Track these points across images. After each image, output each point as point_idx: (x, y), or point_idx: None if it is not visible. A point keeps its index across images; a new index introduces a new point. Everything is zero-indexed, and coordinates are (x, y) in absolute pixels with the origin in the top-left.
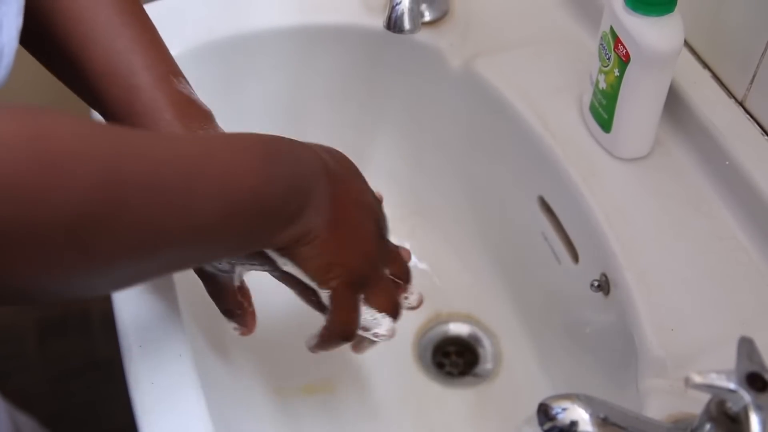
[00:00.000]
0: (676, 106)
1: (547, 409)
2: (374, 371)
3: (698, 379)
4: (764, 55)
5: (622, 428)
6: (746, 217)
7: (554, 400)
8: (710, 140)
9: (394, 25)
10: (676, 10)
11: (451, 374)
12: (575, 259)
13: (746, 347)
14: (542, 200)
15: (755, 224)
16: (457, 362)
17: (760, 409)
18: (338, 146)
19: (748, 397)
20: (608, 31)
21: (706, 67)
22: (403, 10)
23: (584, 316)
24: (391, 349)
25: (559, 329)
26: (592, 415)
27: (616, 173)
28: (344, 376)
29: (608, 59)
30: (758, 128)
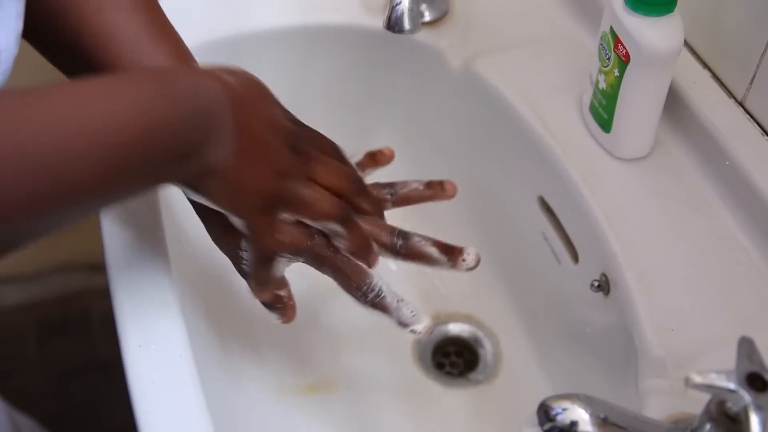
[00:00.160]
0: (676, 106)
1: (547, 409)
2: (374, 371)
3: (698, 379)
4: (764, 55)
5: (622, 428)
6: (746, 217)
7: (554, 400)
8: (710, 140)
9: (394, 25)
10: (676, 10)
11: (451, 374)
12: (575, 259)
13: (746, 347)
14: (542, 200)
15: (755, 224)
16: (457, 362)
17: (760, 409)
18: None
19: (748, 397)
20: (608, 31)
21: (706, 67)
22: (403, 10)
23: (584, 316)
24: (391, 349)
25: (559, 329)
26: (592, 415)
27: (616, 173)
28: (345, 376)
29: (608, 59)
30: (758, 128)
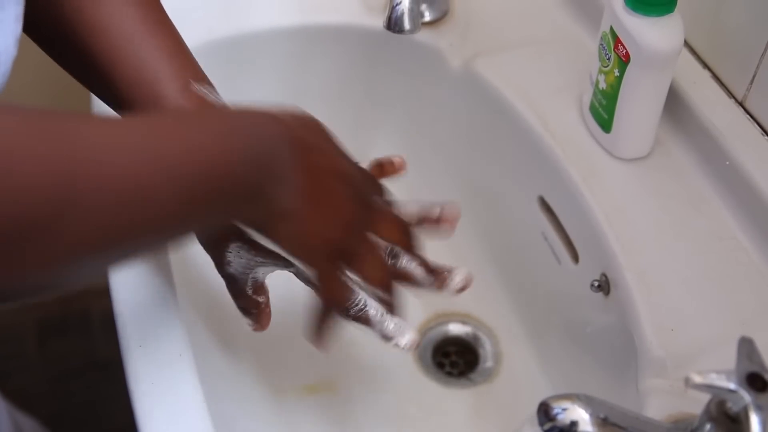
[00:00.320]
0: (676, 106)
1: (547, 409)
2: (375, 371)
3: (698, 379)
4: (764, 55)
5: (622, 428)
6: (746, 217)
7: (554, 400)
8: (710, 140)
9: (394, 25)
10: (676, 10)
11: (451, 374)
12: (575, 259)
13: (746, 347)
14: (542, 200)
15: (755, 224)
16: (457, 362)
17: (760, 409)
18: None
19: (748, 397)
20: (608, 31)
21: (706, 67)
22: (403, 10)
23: (584, 316)
24: (391, 349)
25: (559, 329)
26: (592, 415)
27: (616, 173)
28: (345, 376)
29: (608, 59)
30: (758, 128)
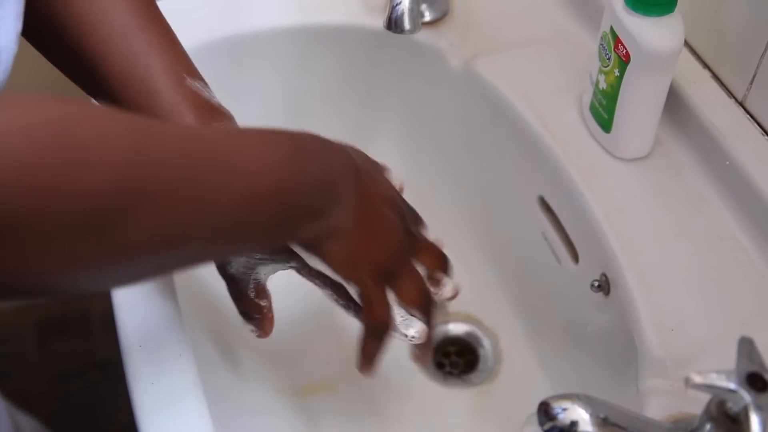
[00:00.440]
0: (676, 106)
1: (547, 408)
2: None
3: (698, 379)
4: (764, 55)
5: (622, 428)
6: (746, 217)
7: (554, 400)
8: (710, 140)
9: (394, 25)
10: (676, 10)
11: (451, 374)
12: (575, 259)
13: (746, 347)
14: (542, 200)
15: (755, 224)
16: (457, 362)
17: (760, 409)
18: None
19: (748, 397)
20: (608, 31)
21: (706, 67)
22: (403, 10)
23: (584, 316)
24: (391, 348)
25: (559, 329)
26: (592, 415)
27: (616, 173)
28: (345, 376)
29: (608, 59)
30: (758, 128)
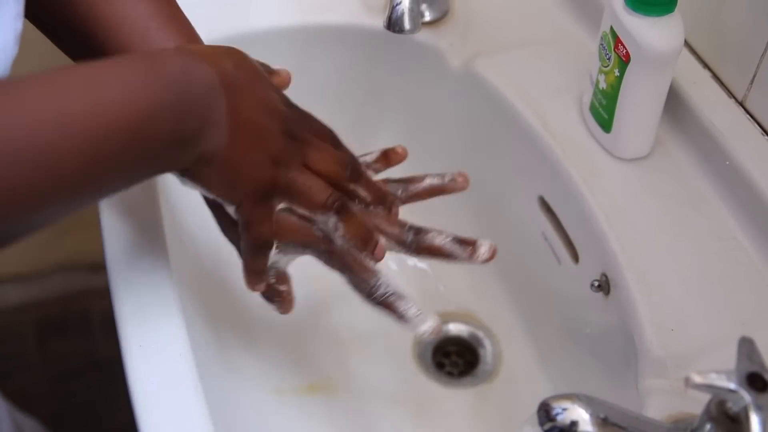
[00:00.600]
0: (676, 106)
1: (547, 408)
2: (375, 371)
3: (698, 379)
4: (764, 55)
5: (622, 428)
6: (746, 217)
7: (554, 400)
8: (710, 140)
9: (394, 25)
10: (676, 10)
11: (451, 374)
12: (575, 259)
13: (746, 347)
14: (542, 200)
15: (755, 224)
16: (457, 362)
17: (760, 409)
18: None
19: (748, 397)
20: (608, 31)
21: (706, 67)
22: (403, 10)
23: (584, 316)
24: (391, 348)
25: (559, 329)
26: (592, 415)
27: (616, 173)
28: (345, 375)
29: (608, 59)
30: (758, 128)
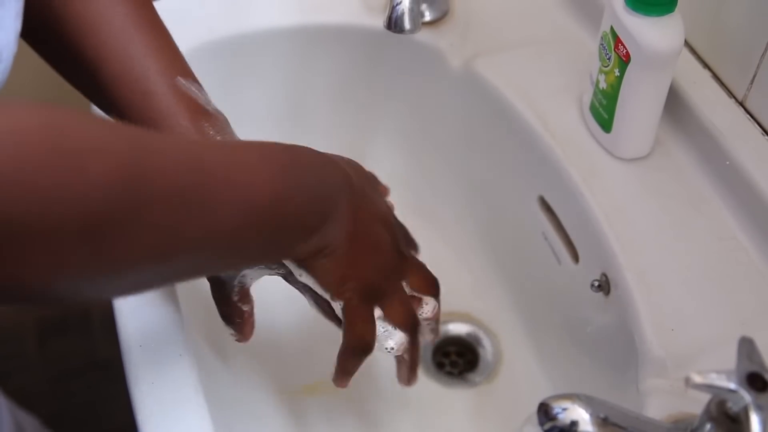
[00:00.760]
0: (676, 106)
1: (547, 408)
2: (374, 371)
3: (698, 379)
4: (764, 55)
5: (622, 428)
6: (746, 217)
7: (554, 399)
8: (710, 140)
9: (394, 25)
10: (676, 10)
11: (451, 374)
12: (575, 259)
13: (746, 347)
14: (542, 200)
15: (755, 224)
16: (457, 362)
17: (760, 409)
18: (338, 146)
19: (748, 397)
20: (608, 31)
21: (706, 67)
22: (403, 10)
23: (584, 316)
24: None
25: (559, 329)
26: (592, 415)
27: (616, 173)
28: None
29: (608, 59)
30: (758, 128)
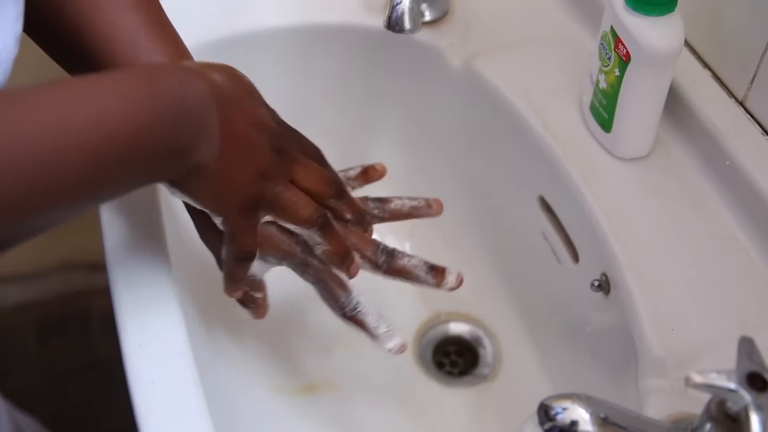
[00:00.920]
0: (676, 106)
1: (547, 408)
2: (374, 371)
3: (698, 378)
4: (764, 55)
5: (622, 428)
6: (746, 217)
7: (554, 399)
8: (710, 140)
9: (394, 24)
10: (676, 10)
11: (451, 374)
12: (575, 259)
13: (746, 347)
14: (542, 200)
15: (755, 224)
16: (457, 362)
17: (760, 409)
18: (338, 146)
19: (748, 396)
20: (609, 30)
21: (706, 67)
22: (403, 9)
23: (584, 315)
24: (380, 351)
25: (559, 329)
26: (592, 414)
27: (616, 173)
28: (345, 375)
29: (609, 59)
30: (758, 128)
